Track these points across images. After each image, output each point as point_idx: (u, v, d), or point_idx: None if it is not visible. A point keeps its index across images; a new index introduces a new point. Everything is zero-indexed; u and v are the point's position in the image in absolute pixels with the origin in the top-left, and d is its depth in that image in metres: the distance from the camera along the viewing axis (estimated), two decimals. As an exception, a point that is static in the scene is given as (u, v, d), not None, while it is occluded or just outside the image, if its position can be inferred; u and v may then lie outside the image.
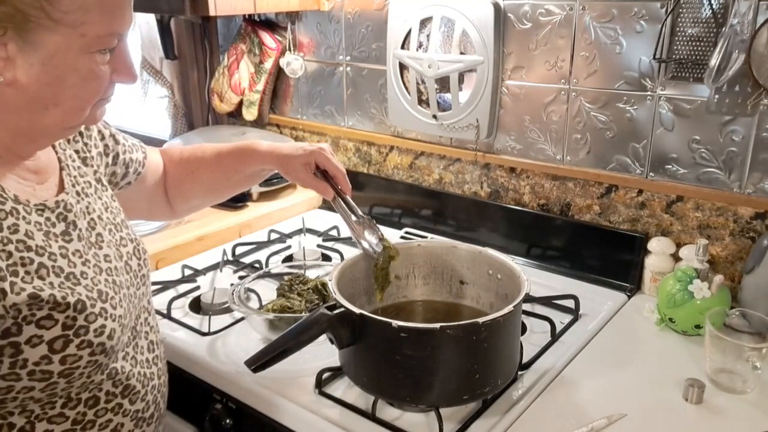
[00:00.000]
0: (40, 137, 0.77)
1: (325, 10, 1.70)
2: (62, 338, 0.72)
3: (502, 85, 1.45)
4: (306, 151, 1.05)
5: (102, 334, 0.75)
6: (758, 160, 1.19)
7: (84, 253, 0.79)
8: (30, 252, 0.71)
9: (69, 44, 0.67)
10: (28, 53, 0.66)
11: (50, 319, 0.71)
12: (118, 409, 0.81)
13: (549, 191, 1.46)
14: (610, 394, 1.01)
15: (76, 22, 0.66)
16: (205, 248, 1.54)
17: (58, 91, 0.70)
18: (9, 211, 0.71)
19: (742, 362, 1.00)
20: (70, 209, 0.80)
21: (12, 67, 0.66)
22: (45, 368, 0.71)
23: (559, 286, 1.34)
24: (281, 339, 0.90)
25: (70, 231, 0.78)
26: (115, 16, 0.70)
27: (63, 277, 0.74)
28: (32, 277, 0.70)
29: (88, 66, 0.70)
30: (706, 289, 1.11)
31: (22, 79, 0.67)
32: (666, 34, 1.22)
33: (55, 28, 0.66)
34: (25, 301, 0.68)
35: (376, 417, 0.94)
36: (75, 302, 0.73)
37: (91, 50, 0.69)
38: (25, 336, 0.69)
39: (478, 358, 0.91)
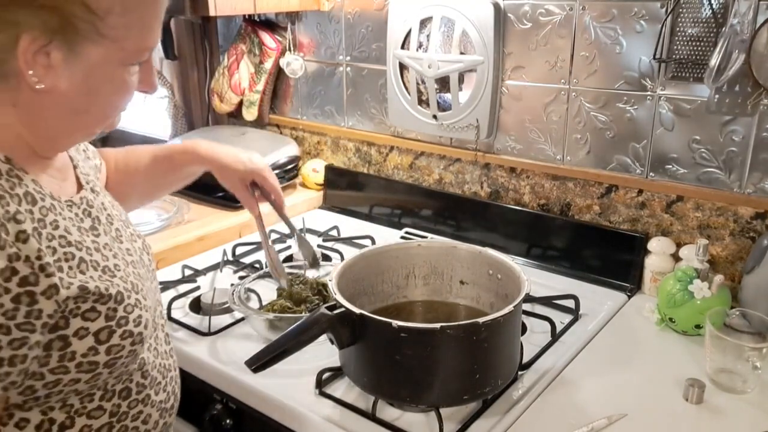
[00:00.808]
0: (64, 142, 0.79)
1: (325, 10, 1.70)
2: (107, 329, 0.73)
3: (502, 85, 1.45)
4: (246, 168, 1.11)
5: (139, 323, 0.78)
6: (758, 160, 1.19)
7: (113, 248, 0.81)
8: (71, 247, 0.73)
9: (109, 57, 0.69)
10: (71, 63, 0.68)
11: (94, 311, 0.72)
12: (147, 399, 0.83)
13: (549, 191, 1.46)
14: (610, 394, 1.01)
15: (118, 36, 0.69)
16: (205, 248, 1.54)
17: (92, 99, 0.72)
18: (49, 207, 0.72)
19: (742, 362, 1.00)
20: (92, 205, 0.82)
21: (53, 75, 0.67)
22: (92, 359, 0.73)
23: (559, 286, 1.33)
24: (281, 339, 0.90)
25: (96, 226, 0.80)
26: (152, 31, 0.73)
27: (100, 270, 0.75)
28: (75, 272, 0.71)
29: (122, 77, 0.73)
30: (706, 289, 1.11)
31: (61, 87, 0.69)
32: (666, 34, 1.22)
33: (100, 41, 0.68)
34: (75, 294, 0.70)
35: (376, 417, 0.94)
36: (115, 293, 0.75)
37: (127, 63, 0.72)
38: (73, 328, 0.70)
39: (478, 358, 0.91)
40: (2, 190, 0.66)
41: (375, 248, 1.13)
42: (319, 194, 1.83)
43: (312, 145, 1.89)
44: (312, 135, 1.89)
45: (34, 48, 0.65)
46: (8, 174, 0.69)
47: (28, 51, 0.65)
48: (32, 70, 0.66)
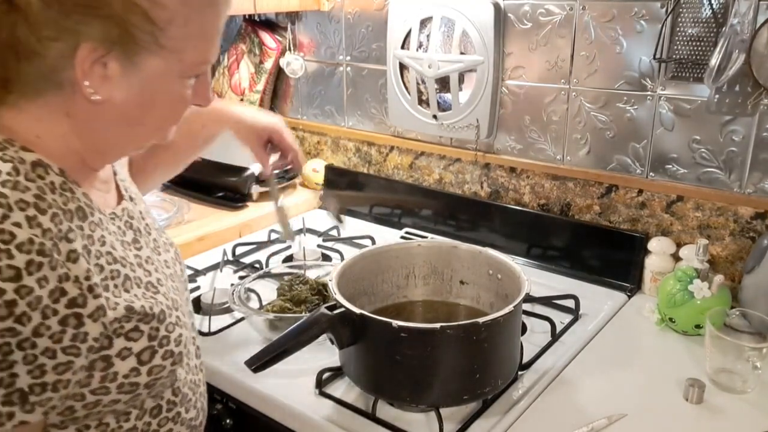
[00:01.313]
0: (115, 153, 0.77)
1: (325, 10, 1.70)
2: (149, 349, 0.71)
3: (502, 85, 1.45)
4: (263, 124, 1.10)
5: (180, 342, 0.75)
6: (758, 160, 1.19)
7: (153, 261, 0.78)
8: (116, 264, 0.70)
9: (167, 69, 0.67)
10: (128, 74, 0.66)
11: (137, 330, 0.70)
12: (177, 417, 0.80)
13: (549, 191, 1.46)
14: (610, 394, 1.01)
15: (178, 48, 0.67)
16: (205, 248, 1.54)
17: (147, 112, 0.70)
18: (97, 222, 0.70)
19: (743, 362, 1.00)
20: (132, 216, 0.80)
21: (109, 86, 0.65)
22: (133, 380, 0.70)
23: (559, 286, 1.33)
24: (281, 339, 0.90)
25: (138, 238, 0.78)
26: (212, 44, 0.71)
27: (143, 287, 0.73)
28: (120, 290, 0.69)
29: (179, 90, 0.71)
30: (706, 289, 1.11)
31: (117, 99, 0.67)
32: (666, 34, 1.22)
33: (159, 53, 0.66)
34: (122, 314, 0.67)
35: (376, 417, 0.94)
36: (159, 312, 0.72)
37: (185, 76, 0.70)
38: (116, 349, 0.68)
39: (478, 358, 0.91)
40: (56, 207, 0.64)
41: (375, 248, 1.13)
42: (319, 194, 1.83)
43: (312, 145, 1.89)
44: (312, 135, 1.89)
45: (92, 58, 0.63)
46: (62, 187, 0.66)
47: (85, 61, 0.63)
48: (88, 80, 0.64)
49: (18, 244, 0.58)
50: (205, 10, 0.68)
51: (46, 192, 0.64)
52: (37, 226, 0.60)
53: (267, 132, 1.11)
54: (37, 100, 0.66)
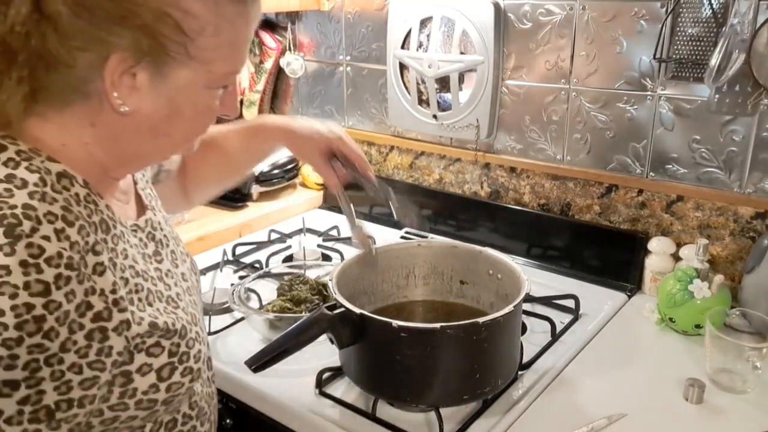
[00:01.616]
0: (139, 163, 0.76)
1: (325, 10, 1.70)
2: (169, 366, 0.70)
3: (502, 84, 1.45)
4: (323, 137, 1.02)
5: (199, 359, 0.74)
6: (758, 159, 1.19)
7: (174, 274, 0.78)
8: (138, 278, 0.69)
9: (196, 79, 0.66)
10: (157, 85, 0.64)
11: (158, 346, 0.68)
12: (193, 430, 0.79)
13: (549, 191, 1.46)
14: (610, 394, 1.01)
15: (208, 59, 0.65)
16: (205, 248, 1.53)
17: (174, 123, 0.69)
18: (119, 235, 0.69)
19: (743, 362, 1.00)
20: (155, 227, 0.78)
21: (138, 96, 0.64)
22: (152, 396, 0.69)
23: (559, 286, 1.33)
24: (281, 339, 0.90)
25: (159, 250, 0.77)
26: (240, 54, 0.70)
27: (165, 301, 0.72)
28: (144, 305, 0.68)
29: (206, 101, 0.69)
30: (706, 288, 1.11)
31: (144, 110, 0.65)
32: (666, 34, 1.22)
33: (188, 64, 0.64)
34: (146, 330, 0.66)
35: (376, 417, 0.94)
36: (180, 328, 0.71)
37: (212, 86, 0.69)
38: (137, 364, 0.66)
39: (478, 358, 0.91)
40: (83, 219, 0.63)
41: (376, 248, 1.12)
42: (319, 194, 1.83)
43: (312, 144, 1.89)
44: (312, 135, 1.88)
45: (121, 69, 0.62)
46: (86, 199, 0.65)
47: (115, 72, 0.62)
48: (117, 91, 0.63)
49: (47, 258, 0.57)
50: (237, 20, 0.66)
51: (72, 204, 0.62)
52: (65, 239, 0.59)
53: (327, 143, 1.02)
54: (64, 110, 0.65)
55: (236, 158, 1.09)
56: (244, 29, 0.68)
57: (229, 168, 1.10)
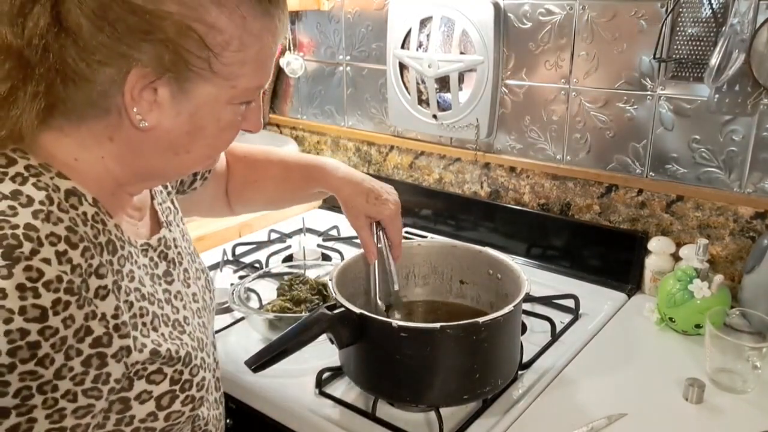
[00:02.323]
0: (157, 179, 0.74)
1: (325, 10, 1.70)
2: (169, 394, 0.67)
3: (502, 84, 1.45)
4: (377, 205, 1.00)
5: (203, 387, 0.71)
6: (758, 159, 1.19)
7: (184, 295, 0.75)
8: (144, 301, 0.67)
9: (219, 95, 0.64)
10: (179, 101, 0.62)
11: (160, 373, 0.66)
12: None
13: (549, 191, 1.46)
14: (610, 394, 1.01)
15: (232, 74, 0.63)
16: (205, 248, 1.53)
17: (195, 139, 0.66)
18: (126, 256, 0.66)
19: (742, 362, 1.00)
20: (169, 246, 0.76)
21: (158, 112, 0.62)
22: (149, 425, 0.66)
23: (559, 285, 1.33)
24: (281, 339, 0.90)
25: (171, 270, 0.75)
26: (265, 70, 0.67)
27: (170, 326, 0.70)
28: (148, 330, 0.66)
29: (229, 117, 0.67)
30: (706, 288, 1.11)
31: (165, 125, 0.63)
32: (666, 34, 1.22)
33: (211, 79, 0.62)
34: (147, 358, 0.64)
35: (376, 417, 0.94)
36: (184, 355, 0.69)
37: (236, 102, 0.66)
38: (136, 391, 0.64)
39: (478, 358, 0.91)
40: (87, 240, 0.60)
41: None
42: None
43: (312, 144, 1.89)
44: (312, 135, 1.88)
45: (142, 84, 0.60)
46: (94, 219, 0.63)
47: (135, 87, 0.60)
48: (137, 107, 0.61)
49: (45, 282, 0.55)
50: (263, 34, 0.64)
51: (78, 224, 0.60)
52: (67, 262, 0.57)
53: (377, 214, 1.01)
54: (82, 125, 0.63)
55: (286, 192, 1.08)
56: (271, 44, 0.66)
57: (279, 199, 1.10)
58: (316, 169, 1.04)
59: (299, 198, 1.11)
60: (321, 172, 1.04)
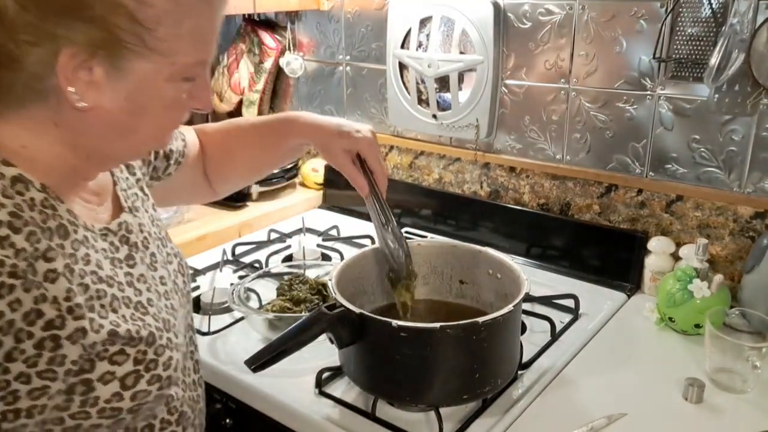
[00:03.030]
0: (109, 161, 0.74)
1: (324, 10, 1.70)
2: (134, 374, 0.67)
3: (501, 84, 1.45)
4: (351, 136, 0.97)
5: (169, 366, 0.71)
6: (758, 159, 1.19)
7: (147, 278, 0.75)
8: (102, 283, 0.67)
9: (158, 72, 0.63)
10: (115, 79, 0.62)
11: (122, 354, 0.66)
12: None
13: (549, 191, 1.46)
14: (610, 393, 1.01)
15: (169, 50, 0.62)
16: (205, 248, 1.53)
17: (138, 118, 0.66)
18: (81, 240, 0.66)
19: (742, 362, 1.00)
20: (131, 230, 0.76)
21: (96, 92, 0.62)
22: (115, 405, 0.66)
23: (558, 285, 1.33)
24: (281, 338, 0.90)
25: (133, 254, 0.75)
26: (205, 45, 0.67)
27: (132, 307, 0.70)
28: (107, 311, 0.66)
29: (172, 94, 0.66)
30: (705, 288, 1.11)
31: (105, 105, 0.63)
32: (666, 34, 1.22)
33: (148, 56, 0.62)
34: (104, 339, 0.64)
35: (376, 417, 0.94)
36: (147, 335, 0.69)
37: (177, 79, 0.66)
38: (98, 373, 0.65)
39: (478, 358, 0.91)
40: (34, 225, 0.60)
41: (375, 247, 1.12)
42: (319, 194, 1.83)
43: (312, 144, 1.89)
44: (312, 134, 1.88)
45: (74, 63, 0.59)
46: (42, 204, 0.63)
47: (68, 66, 0.59)
48: (73, 87, 0.60)
49: None
50: (199, 7, 0.64)
51: (24, 209, 0.61)
52: (9, 246, 0.57)
53: (353, 144, 0.97)
54: (23, 111, 0.63)
55: (263, 154, 1.06)
56: (208, 18, 0.66)
57: (256, 163, 1.08)
58: (285, 123, 1.03)
59: (277, 157, 1.09)
60: (290, 123, 1.03)
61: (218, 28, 0.68)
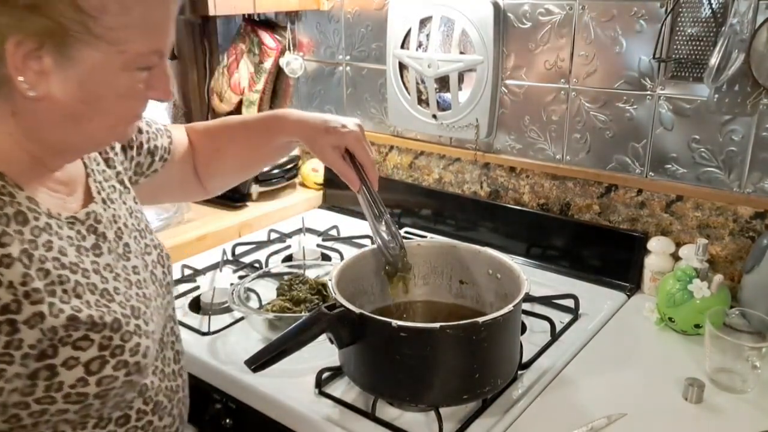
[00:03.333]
0: (70, 152, 0.75)
1: (324, 10, 1.70)
2: (98, 359, 0.68)
3: (501, 84, 1.45)
4: (338, 132, 0.97)
5: (137, 352, 0.72)
6: (758, 159, 1.19)
7: (114, 267, 0.76)
8: (65, 269, 0.68)
9: (108, 61, 0.64)
10: (65, 68, 0.63)
11: (86, 339, 0.67)
12: (148, 426, 0.78)
13: (549, 191, 1.46)
14: (610, 393, 1.01)
15: (117, 39, 0.63)
16: (204, 248, 1.53)
17: (93, 108, 0.67)
18: (43, 227, 0.67)
19: (742, 362, 1.00)
20: (100, 220, 0.77)
21: (46, 81, 0.63)
22: (81, 390, 0.68)
23: (558, 285, 1.33)
24: (281, 339, 0.90)
25: (100, 243, 0.75)
26: (157, 33, 0.67)
27: (98, 294, 0.71)
28: (69, 296, 0.67)
29: (126, 83, 0.67)
30: (705, 288, 1.11)
31: (57, 95, 0.64)
32: (666, 34, 1.22)
33: (96, 44, 0.62)
34: (63, 323, 0.65)
35: (375, 417, 0.94)
36: (111, 321, 0.69)
37: (131, 68, 0.66)
38: (61, 358, 0.66)
39: (477, 358, 0.91)
40: None
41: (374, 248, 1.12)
42: (319, 194, 1.83)
43: (312, 144, 1.89)
44: (312, 134, 1.88)
45: (21, 53, 0.60)
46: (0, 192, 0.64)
47: (15, 56, 0.60)
48: (23, 76, 0.61)
49: None
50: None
51: None
52: None
53: (340, 139, 0.98)
54: None
55: (251, 152, 1.07)
56: (159, 7, 0.66)
57: (245, 160, 1.09)
58: (272, 120, 1.04)
59: (266, 155, 1.09)
60: (278, 121, 1.03)
61: (172, 18, 0.69)
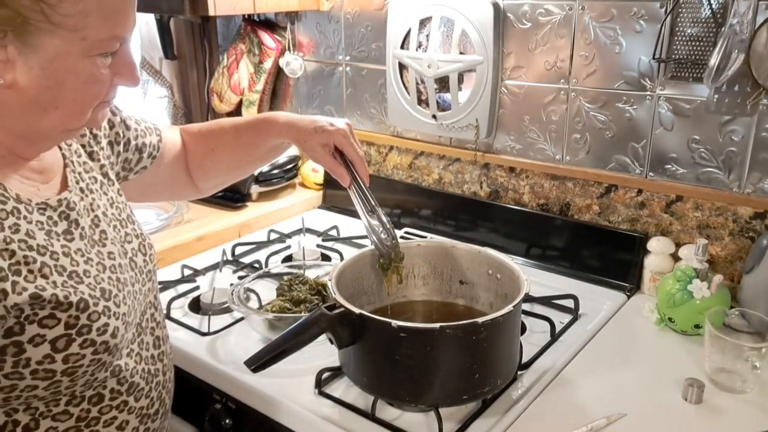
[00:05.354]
0: (40, 140, 0.76)
1: (324, 10, 1.70)
2: (65, 337, 0.72)
3: (501, 84, 1.45)
4: (325, 130, 1.00)
5: (105, 332, 0.75)
6: (757, 159, 1.19)
7: (86, 252, 0.79)
8: (32, 251, 0.71)
9: (69, 48, 0.66)
10: (27, 56, 0.65)
11: (53, 318, 0.71)
12: (123, 406, 0.82)
13: (548, 191, 1.46)
14: (609, 394, 1.01)
15: (76, 26, 0.66)
16: (204, 248, 1.54)
17: (58, 94, 0.69)
18: (10, 210, 0.71)
19: (742, 362, 1.00)
20: (73, 207, 0.79)
21: (11, 69, 0.66)
22: (48, 367, 0.71)
23: (558, 285, 1.34)
24: (281, 339, 0.90)
25: (71, 230, 0.78)
26: (116, 20, 0.69)
27: (66, 275, 0.74)
28: (35, 276, 0.70)
29: (89, 69, 0.69)
30: (705, 288, 1.11)
31: (22, 82, 0.67)
32: (665, 34, 1.22)
33: (56, 32, 0.65)
34: (26, 301, 0.68)
35: (375, 417, 0.94)
36: (78, 301, 0.73)
37: (92, 54, 0.69)
38: (28, 335, 0.69)
39: (477, 358, 0.91)
40: None
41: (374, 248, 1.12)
42: (319, 194, 1.83)
43: (311, 144, 1.89)
44: (311, 135, 1.88)
45: None
46: None
47: None
48: None
49: None
50: None
51: None
52: None
53: (328, 138, 1.00)
54: None
55: (243, 153, 1.09)
56: None
57: (236, 161, 1.10)
58: (263, 123, 1.07)
59: (257, 156, 1.11)
60: (268, 124, 1.06)
61: (132, 4, 0.71)
